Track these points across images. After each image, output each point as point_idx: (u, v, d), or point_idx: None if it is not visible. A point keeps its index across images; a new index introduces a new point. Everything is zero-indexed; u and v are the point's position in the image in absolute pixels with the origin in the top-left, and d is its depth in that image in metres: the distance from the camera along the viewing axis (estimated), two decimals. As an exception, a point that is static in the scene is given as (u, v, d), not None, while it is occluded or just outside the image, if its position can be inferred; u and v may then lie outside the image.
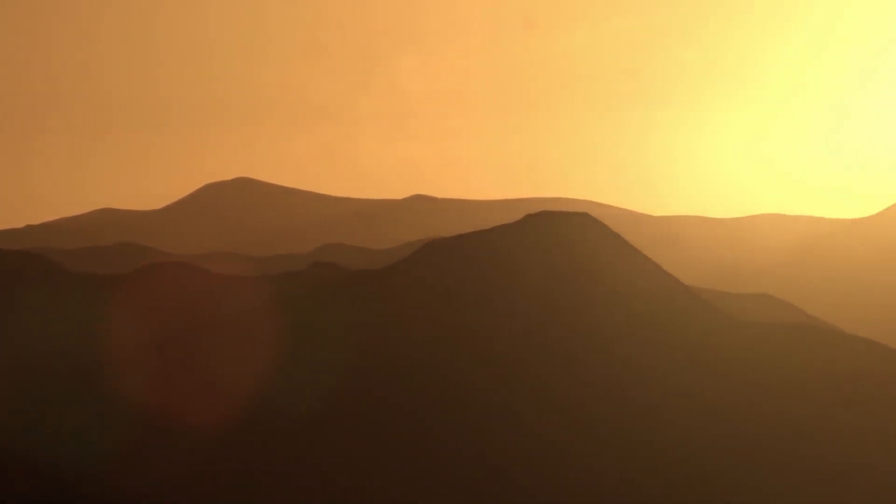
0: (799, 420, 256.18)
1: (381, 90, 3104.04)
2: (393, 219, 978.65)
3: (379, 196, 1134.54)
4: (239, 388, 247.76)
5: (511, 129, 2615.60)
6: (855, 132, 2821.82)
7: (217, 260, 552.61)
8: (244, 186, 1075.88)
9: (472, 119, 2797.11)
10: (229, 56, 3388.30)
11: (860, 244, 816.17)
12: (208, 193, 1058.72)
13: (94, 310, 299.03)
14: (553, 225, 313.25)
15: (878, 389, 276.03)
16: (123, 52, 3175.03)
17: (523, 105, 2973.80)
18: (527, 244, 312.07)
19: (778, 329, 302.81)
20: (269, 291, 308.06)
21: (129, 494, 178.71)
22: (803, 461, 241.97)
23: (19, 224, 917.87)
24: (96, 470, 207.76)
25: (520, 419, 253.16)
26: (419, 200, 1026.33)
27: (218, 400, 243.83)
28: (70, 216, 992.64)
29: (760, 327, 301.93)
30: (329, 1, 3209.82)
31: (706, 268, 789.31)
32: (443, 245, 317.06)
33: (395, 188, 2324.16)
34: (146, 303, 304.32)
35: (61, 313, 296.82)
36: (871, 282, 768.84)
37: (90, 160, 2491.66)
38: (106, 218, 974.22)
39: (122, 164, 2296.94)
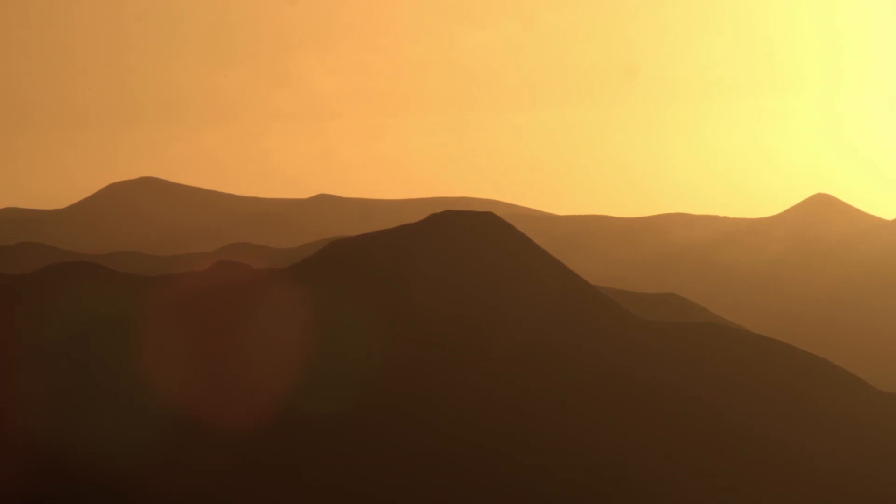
0: (704, 418, 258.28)
1: (286, 89, 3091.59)
2: (297, 218, 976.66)
3: (283, 195, 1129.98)
4: (141, 387, 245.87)
5: (416, 128, 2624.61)
6: (758, 132, 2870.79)
7: (122, 259, 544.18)
8: (149, 185, 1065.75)
9: (377, 118, 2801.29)
10: (134, 53, 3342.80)
11: (763, 243, 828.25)
12: (112, 193, 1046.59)
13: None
14: (457, 224, 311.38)
15: (782, 388, 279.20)
16: (24, 49, 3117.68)
17: (428, 104, 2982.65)
18: (431, 244, 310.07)
19: (683, 328, 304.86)
20: (174, 290, 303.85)
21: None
22: (707, 460, 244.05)
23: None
24: None
25: (422, 420, 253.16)
26: (324, 200, 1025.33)
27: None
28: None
29: (666, 326, 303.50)
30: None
31: (611, 267, 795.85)
32: (347, 244, 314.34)
33: (300, 187, 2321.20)
34: (52, 303, 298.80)
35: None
36: (774, 281, 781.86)
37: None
38: (8, 217, 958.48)
39: (25, 163, 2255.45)
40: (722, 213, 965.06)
